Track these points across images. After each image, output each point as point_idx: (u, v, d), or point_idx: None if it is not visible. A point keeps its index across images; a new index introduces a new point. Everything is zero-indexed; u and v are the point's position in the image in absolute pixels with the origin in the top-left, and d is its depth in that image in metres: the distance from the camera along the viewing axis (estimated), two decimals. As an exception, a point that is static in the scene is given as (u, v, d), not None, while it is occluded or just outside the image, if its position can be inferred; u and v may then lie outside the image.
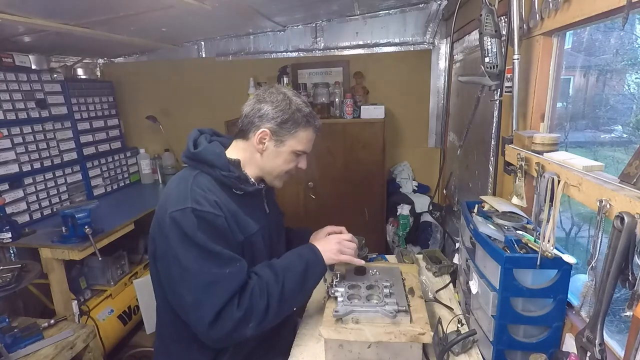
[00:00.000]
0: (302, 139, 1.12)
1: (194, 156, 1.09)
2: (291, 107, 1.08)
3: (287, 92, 1.11)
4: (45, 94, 2.33)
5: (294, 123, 1.09)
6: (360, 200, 2.58)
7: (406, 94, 2.78)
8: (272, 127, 1.08)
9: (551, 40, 1.14)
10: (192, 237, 0.96)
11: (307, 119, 1.11)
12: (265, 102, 1.08)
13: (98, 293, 2.30)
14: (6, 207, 2.01)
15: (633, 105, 1.26)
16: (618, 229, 0.68)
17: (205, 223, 0.97)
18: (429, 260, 1.57)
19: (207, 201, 1.00)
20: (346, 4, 2.35)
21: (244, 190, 1.09)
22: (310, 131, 1.14)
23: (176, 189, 1.04)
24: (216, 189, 1.06)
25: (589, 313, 0.92)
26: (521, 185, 1.08)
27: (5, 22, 1.63)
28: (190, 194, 1.00)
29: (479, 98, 1.39)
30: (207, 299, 0.95)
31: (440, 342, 1.05)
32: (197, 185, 1.03)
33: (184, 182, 1.05)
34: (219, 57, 2.94)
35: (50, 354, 1.59)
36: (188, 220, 0.96)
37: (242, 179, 1.09)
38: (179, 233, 0.97)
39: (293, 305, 1.11)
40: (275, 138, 1.09)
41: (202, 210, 0.98)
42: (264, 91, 1.12)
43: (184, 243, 0.96)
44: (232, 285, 0.97)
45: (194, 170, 1.09)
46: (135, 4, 1.71)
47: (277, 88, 1.12)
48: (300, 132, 1.10)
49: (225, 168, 1.06)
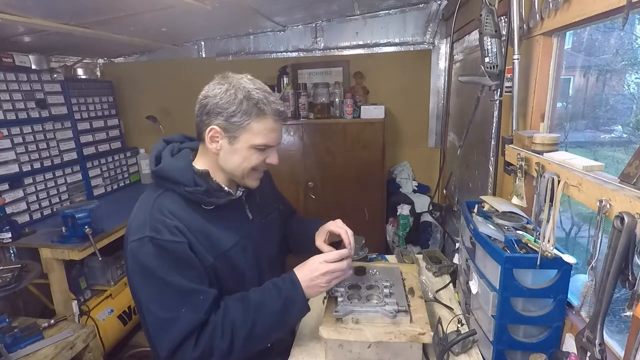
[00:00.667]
0: (259, 131, 0.96)
1: (156, 174, 1.01)
2: (237, 96, 0.94)
3: (235, 79, 0.98)
4: (45, 94, 2.33)
5: (244, 114, 0.94)
6: (360, 200, 2.58)
7: (406, 94, 2.78)
8: (220, 122, 0.96)
9: (551, 40, 1.14)
10: (149, 269, 0.91)
11: (259, 107, 0.95)
12: (209, 96, 0.97)
13: (98, 293, 2.30)
14: (6, 207, 2.01)
15: (633, 105, 1.26)
16: (618, 229, 0.68)
17: (165, 252, 0.91)
18: (429, 260, 1.57)
19: (166, 228, 0.92)
20: (346, 4, 2.35)
21: (215, 204, 1.01)
22: (267, 120, 0.96)
23: (136, 215, 0.98)
24: (182, 208, 0.98)
25: (589, 313, 0.92)
26: (521, 185, 1.08)
27: (5, 22, 1.63)
28: (149, 221, 0.93)
29: (479, 98, 1.39)
30: (163, 336, 0.92)
31: (440, 342, 1.05)
32: (158, 209, 0.96)
33: (145, 206, 0.98)
34: (219, 57, 2.94)
35: (50, 354, 1.59)
36: (145, 251, 0.91)
37: (211, 191, 1.00)
38: (137, 265, 0.92)
39: (267, 342, 1.02)
40: (228, 135, 0.97)
41: (161, 239, 0.91)
42: (210, 83, 1.00)
43: (142, 275, 0.92)
44: (188, 325, 0.91)
45: (158, 189, 1.01)
46: (135, 4, 1.71)
47: (224, 77, 1.00)
48: (253, 123, 0.95)
49: (190, 183, 0.97)
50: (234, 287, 1.05)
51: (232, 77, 1.00)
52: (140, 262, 0.91)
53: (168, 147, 1.08)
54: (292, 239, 1.33)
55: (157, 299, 0.92)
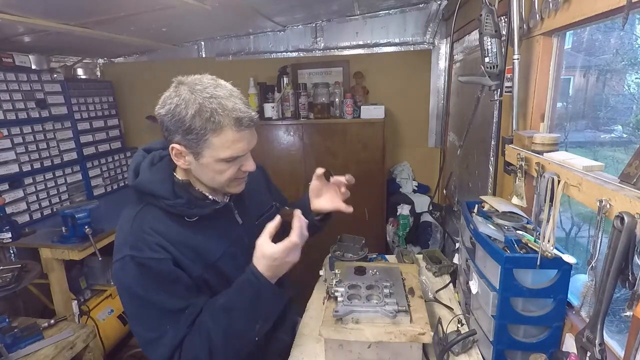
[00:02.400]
0: (222, 145, 0.88)
1: (135, 188, 0.95)
2: (188, 112, 0.85)
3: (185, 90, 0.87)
4: (45, 94, 2.33)
5: (200, 130, 0.86)
6: (360, 200, 2.57)
7: (406, 94, 2.78)
8: (180, 140, 0.88)
9: (551, 40, 1.14)
10: (131, 288, 0.89)
11: (213, 121, 0.85)
12: (161, 114, 0.89)
13: (98, 293, 2.31)
14: (6, 207, 2.01)
15: (633, 105, 1.26)
16: (618, 229, 0.68)
17: (146, 270, 0.88)
18: (429, 260, 1.57)
19: (146, 245, 0.89)
20: (346, 4, 2.35)
21: (198, 215, 0.96)
22: (226, 133, 0.87)
23: (118, 233, 0.95)
24: (164, 222, 0.93)
25: (589, 313, 0.92)
26: (521, 185, 1.08)
27: (5, 22, 1.63)
28: (129, 239, 0.90)
29: (479, 98, 1.39)
30: (152, 355, 0.92)
31: (440, 342, 1.05)
32: (138, 226, 0.92)
33: (125, 223, 0.94)
34: (219, 57, 2.94)
35: (50, 354, 1.59)
36: (128, 270, 0.88)
37: (193, 202, 0.95)
38: (120, 285, 0.91)
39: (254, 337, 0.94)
40: (190, 151, 0.90)
41: (142, 257, 0.87)
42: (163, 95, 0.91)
43: (126, 294, 0.91)
44: (173, 341, 0.89)
45: (139, 204, 0.97)
46: (135, 4, 1.71)
47: (177, 87, 0.89)
48: (212, 138, 0.87)
49: (170, 196, 0.92)
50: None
51: (185, 84, 0.89)
52: (122, 283, 0.90)
53: (148, 157, 1.02)
54: None
55: (142, 318, 0.92)
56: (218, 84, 0.91)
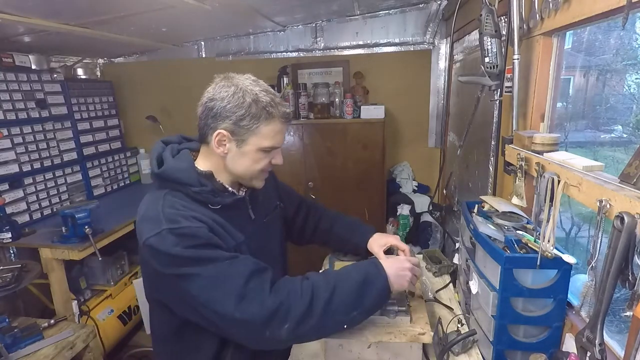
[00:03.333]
0: (267, 134, 0.96)
1: (160, 176, 0.98)
2: (245, 100, 0.93)
3: (240, 81, 0.96)
4: (45, 94, 2.33)
5: (253, 118, 0.93)
6: (360, 200, 2.58)
7: (406, 94, 2.78)
8: (228, 126, 0.94)
9: (551, 40, 1.14)
10: (177, 255, 0.86)
11: (267, 111, 0.94)
12: (216, 100, 0.95)
13: (98, 293, 2.30)
14: (6, 207, 2.01)
15: (633, 105, 1.26)
16: (618, 229, 0.68)
17: (188, 238, 0.87)
18: (429, 260, 1.57)
19: (182, 217, 0.90)
20: (346, 4, 2.35)
21: (221, 204, 0.99)
22: (275, 123, 0.97)
23: (146, 215, 0.94)
24: (192, 205, 0.95)
25: (589, 313, 0.92)
26: (521, 185, 1.08)
27: (5, 22, 1.63)
28: (162, 215, 0.90)
29: (479, 98, 1.39)
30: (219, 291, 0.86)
31: (440, 342, 1.05)
32: (169, 205, 0.93)
33: (154, 205, 0.95)
34: (219, 57, 2.94)
35: (50, 354, 1.59)
36: (167, 242, 0.86)
37: (216, 191, 0.99)
38: (162, 258, 0.87)
39: (343, 321, 0.93)
40: (236, 138, 0.95)
41: (180, 227, 0.88)
42: (214, 86, 0.98)
43: (172, 265, 0.87)
44: (243, 267, 0.88)
45: (162, 190, 0.98)
46: (135, 4, 1.71)
47: (229, 79, 0.97)
48: (262, 127, 0.95)
49: (196, 183, 0.96)
50: None
51: (237, 78, 0.97)
52: (165, 253, 0.87)
53: (167, 148, 1.06)
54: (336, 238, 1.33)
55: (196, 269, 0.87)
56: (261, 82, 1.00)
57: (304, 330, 0.88)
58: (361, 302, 0.93)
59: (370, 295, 0.94)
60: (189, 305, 0.90)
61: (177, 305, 0.95)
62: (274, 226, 1.23)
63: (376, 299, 0.95)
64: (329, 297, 0.90)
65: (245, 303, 0.86)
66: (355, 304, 0.92)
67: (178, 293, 0.90)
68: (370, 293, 0.94)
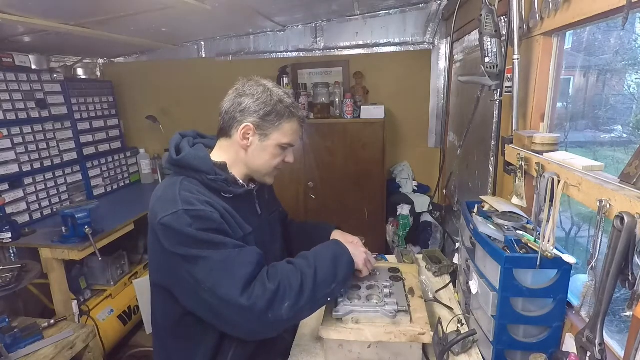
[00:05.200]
0: (288, 131, 1.07)
1: (178, 162, 1.04)
2: (273, 98, 1.04)
3: (266, 83, 1.07)
4: (45, 94, 2.33)
5: (278, 115, 1.04)
6: (360, 200, 2.58)
7: (406, 94, 2.78)
8: (255, 120, 1.03)
9: (551, 40, 1.14)
10: (190, 235, 0.91)
11: (290, 110, 1.06)
12: (245, 96, 1.04)
13: (98, 293, 2.31)
14: (6, 207, 2.01)
15: (633, 105, 1.26)
16: (618, 229, 0.68)
17: (202, 221, 0.93)
18: (429, 260, 1.57)
19: (198, 201, 0.95)
20: (346, 4, 2.35)
21: (233, 193, 1.05)
22: (294, 122, 1.08)
23: (163, 197, 0.99)
24: (206, 192, 1.01)
25: (589, 313, 0.92)
26: (521, 185, 1.08)
27: (5, 22, 1.63)
28: (179, 197, 0.95)
29: (479, 98, 1.39)
30: (226, 277, 0.91)
31: (440, 342, 1.05)
32: (185, 189, 0.98)
33: (171, 188, 1.00)
34: (219, 57, 2.94)
35: (50, 354, 1.59)
36: (182, 221, 0.91)
37: (229, 181, 1.05)
38: (175, 236, 0.92)
39: (326, 295, 1.02)
40: (260, 132, 1.05)
41: (196, 209, 0.93)
42: (242, 84, 1.07)
43: (183, 244, 0.91)
44: (250, 258, 0.95)
45: (179, 177, 1.04)
46: (135, 4, 1.71)
47: (256, 81, 1.07)
48: (284, 124, 1.06)
49: (212, 172, 1.02)
50: None
51: (263, 80, 1.08)
52: (180, 232, 0.91)
53: (185, 139, 1.12)
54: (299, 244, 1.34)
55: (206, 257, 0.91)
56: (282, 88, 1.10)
57: (301, 305, 0.96)
58: (337, 275, 1.03)
59: (342, 268, 1.05)
60: (193, 290, 0.93)
61: (180, 290, 0.98)
62: (276, 225, 1.28)
63: (346, 270, 1.06)
64: (314, 273, 0.99)
65: (251, 290, 0.92)
66: (332, 277, 1.02)
67: (184, 275, 0.93)
68: (341, 266, 1.05)
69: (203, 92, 3.00)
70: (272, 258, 1.15)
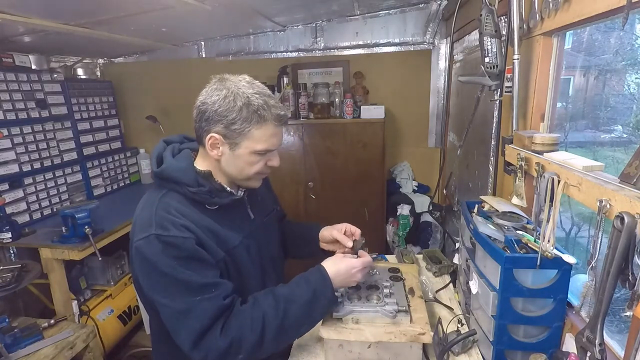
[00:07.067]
0: (260, 137, 0.96)
1: (159, 175, 0.99)
2: (237, 103, 0.92)
3: (233, 84, 0.95)
4: (45, 94, 2.33)
5: (244, 121, 0.93)
6: (360, 201, 2.58)
7: (406, 94, 2.78)
8: (220, 130, 0.94)
9: (551, 40, 1.14)
10: (157, 265, 0.89)
11: (259, 114, 0.93)
12: (207, 103, 0.95)
13: (98, 293, 2.30)
14: (6, 207, 2.01)
15: (633, 105, 1.26)
16: (618, 229, 0.68)
17: (172, 248, 0.90)
18: (429, 260, 1.57)
19: (173, 225, 0.91)
20: (346, 4, 2.35)
21: (218, 204, 1.01)
22: (267, 126, 0.96)
23: (140, 216, 0.97)
24: (187, 208, 0.97)
25: (589, 313, 0.92)
26: (521, 185, 1.08)
27: (5, 22, 1.63)
28: (154, 219, 0.92)
29: (479, 98, 1.39)
30: (183, 328, 0.91)
31: (440, 342, 1.05)
32: (163, 208, 0.95)
33: (149, 206, 0.97)
34: (219, 57, 2.94)
35: (50, 354, 1.59)
36: (152, 248, 0.89)
37: (214, 191, 0.99)
38: (144, 263, 0.91)
39: (295, 336, 1.03)
40: (228, 141, 0.96)
41: (168, 235, 0.90)
42: (207, 89, 0.98)
43: (151, 273, 0.91)
44: (206, 313, 0.90)
45: (161, 190, 1.00)
46: (136, 4, 1.71)
47: (222, 81, 0.97)
48: (254, 130, 0.94)
49: (194, 183, 0.96)
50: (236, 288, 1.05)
51: (230, 80, 0.97)
52: (148, 260, 0.90)
53: (168, 147, 1.06)
54: (292, 243, 1.33)
55: (170, 293, 0.91)
56: (256, 84, 0.99)
57: (259, 355, 0.94)
58: (311, 316, 0.99)
59: (319, 308, 1.00)
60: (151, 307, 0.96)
61: None
62: (272, 227, 1.24)
63: (324, 309, 1.02)
64: (280, 323, 0.94)
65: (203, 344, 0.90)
66: (305, 319, 0.98)
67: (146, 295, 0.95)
68: (319, 306, 0.99)
69: (202, 93, 2.99)
70: (267, 262, 1.14)
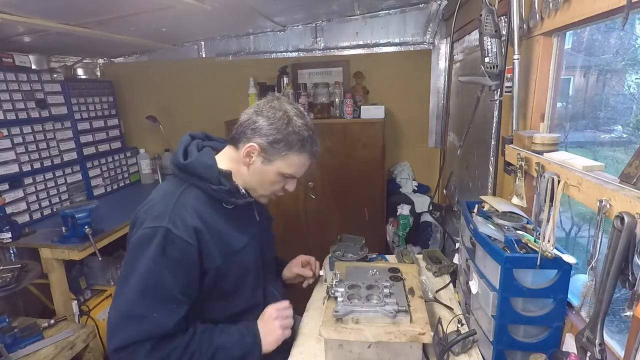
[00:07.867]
0: (293, 163, 1.05)
1: (184, 168, 1.03)
2: (288, 127, 1.01)
3: (289, 109, 1.03)
4: (45, 94, 2.33)
5: (287, 145, 1.02)
6: (360, 200, 2.58)
7: (406, 94, 2.78)
8: (262, 143, 1.01)
9: (551, 40, 1.14)
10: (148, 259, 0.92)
11: (302, 144, 1.03)
12: (262, 116, 1.01)
13: (98, 293, 2.30)
14: (6, 207, 2.01)
15: (633, 105, 1.26)
16: (618, 229, 0.68)
17: (172, 248, 0.93)
18: (429, 260, 1.57)
19: (184, 226, 0.95)
20: (346, 4, 2.34)
21: (235, 204, 1.05)
22: (304, 157, 1.06)
23: (159, 203, 0.99)
24: (203, 205, 1.01)
25: (589, 313, 0.92)
26: (521, 185, 1.08)
27: (5, 22, 1.63)
28: (170, 213, 0.95)
29: (479, 98, 1.39)
30: (122, 328, 0.91)
31: (440, 342, 1.05)
32: (182, 204, 0.98)
33: (169, 197, 1.00)
34: (219, 57, 2.94)
35: (50, 354, 1.59)
36: (155, 240, 0.92)
37: (232, 191, 1.04)
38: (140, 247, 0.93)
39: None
40: (264, 155, 1.03)
41: (175, 235, 0.93)
42: (265, 103, 1.05)
43: (139, 258, 0.93)
44: (151, 330, 0.92)
45: (183, 183, 1.04)
46: (135, 4, 1.71)
47: (280, 102, 1.05)
48: (292, 155, 1.03)
49: (216, 181, 1.01)
50: (233, 287, 1.06)
51: (286, 105, 1.04)
52: (144, 247, 0.92)
53: (193, 142, 1.10)
54: None
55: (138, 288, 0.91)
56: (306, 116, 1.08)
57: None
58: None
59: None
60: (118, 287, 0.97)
61: None
62: (270, 229, 1.31)
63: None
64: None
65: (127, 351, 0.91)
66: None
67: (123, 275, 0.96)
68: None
69: (203, 92, 3.00)
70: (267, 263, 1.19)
